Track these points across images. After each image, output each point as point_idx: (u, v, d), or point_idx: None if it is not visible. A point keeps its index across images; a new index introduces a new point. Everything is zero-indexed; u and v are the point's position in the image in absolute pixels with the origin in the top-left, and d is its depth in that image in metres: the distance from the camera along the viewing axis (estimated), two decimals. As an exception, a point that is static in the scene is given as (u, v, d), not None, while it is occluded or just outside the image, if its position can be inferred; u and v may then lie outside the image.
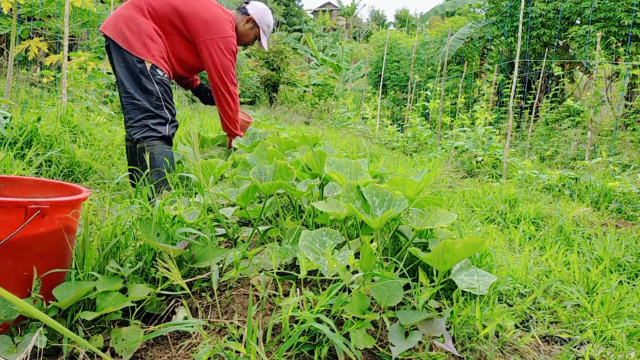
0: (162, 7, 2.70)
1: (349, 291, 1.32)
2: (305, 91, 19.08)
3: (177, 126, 2.75)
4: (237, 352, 1.18)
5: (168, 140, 2.69)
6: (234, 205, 2.13)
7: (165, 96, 2.67)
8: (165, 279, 1.48)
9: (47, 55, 9.14)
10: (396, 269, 1.53)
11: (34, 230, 1.27)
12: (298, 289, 1.44)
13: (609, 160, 5.09)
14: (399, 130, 10.93)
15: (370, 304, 1.34)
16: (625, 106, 7.72)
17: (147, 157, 2.48)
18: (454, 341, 1.33)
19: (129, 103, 2.63)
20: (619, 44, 7.95)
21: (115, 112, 5.51)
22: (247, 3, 3.09)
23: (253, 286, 1.46)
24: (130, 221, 1.69)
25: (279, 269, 1.52)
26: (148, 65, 2.62)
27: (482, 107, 7.57)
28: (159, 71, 2.65)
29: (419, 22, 16.99)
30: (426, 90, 11.93)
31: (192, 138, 1.71)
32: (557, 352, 1.49)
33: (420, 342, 1.28)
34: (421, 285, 1.43)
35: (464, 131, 7.39)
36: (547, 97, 9.21)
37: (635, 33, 8.40)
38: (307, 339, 1.24)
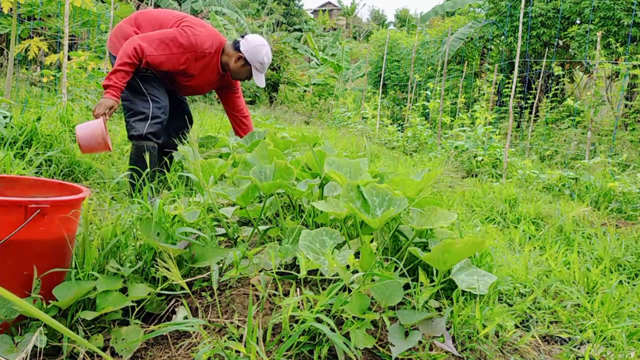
0: (145, 17, 2.79)
1: (349, 291, 1.32)
2: (305, 91, 19.07)
3: (160, 123, 2.65)
4: (237, 351, 1.18)
5: (147, 138, 2.61)
6: (234, 205, 2.13)
7: (149, 89, 2.66)
8: (165, 278, 1.48)
9: (47, 54, 9.13)
10: (396, 268, 1.53)
11: (34, 230, 1.27)
12: (298, 289, 1.44)
13: (609, 160, 5.09)
14: (399, 130, 10.93)
15: (370, 303, 1.34)
16: (625, 106, 7.72)
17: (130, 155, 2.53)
18: (454, 341, 1.33)
19: (121, 104, 2.68)
20: (618, 44, 7.95)
21: (115, 112, 5.50)
22: (242, 37, 2.82)
23: (253, 286, 1.46)
24: (130, 221, 1.69)
25: (279, 268, 1.52)
26: None
27: (482, 107, 7.57)
28: (141, 68, 2.65)
29: (419, 23, 16.98)
30: (426, 90, 11.92)
31: (192, 138, 1.71)
32: (557, 352, 1.49)
33: (420, 342, 1.28)
34: (421, 285, 1.43)
35: (464, 131, 7.39)
36: (547, 97, 9.21)
37: (635, 33, 8.40)
38: (307, 338, 1.24)
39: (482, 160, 6.00)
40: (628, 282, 2.22)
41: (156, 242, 1.47)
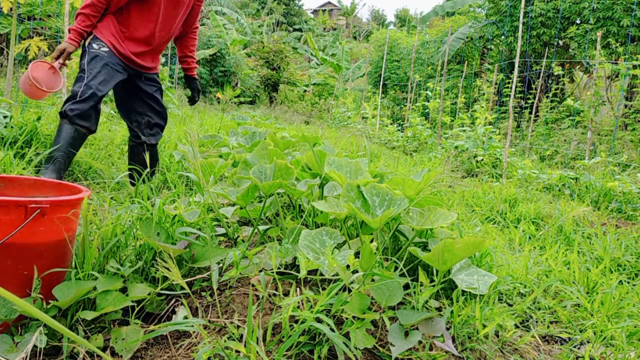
0: None
1: (349, 291, 1.32)
2: (305, 90, 19.09)
3: (83, 101, 2.38)
4: (237, 351, 1.18)
5: (69, 119, 2.38)
6: (234, 205, 2.13)
7: (88, 66, 2.44)
8: (165, 278, 1.48)
9: (47, 54, 9.13)
10: (396, 268, 1.53)
11: (33, 230, 1.26)
12: (298, 289, 1.44)
13: (609, 160, 5.09)
14: (399, 130, 10.93)
15: (370, 303, 1.34)
16: (625, 106, 7.72)
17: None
18: (454, 341, 1.33)
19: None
20: (618, 44, 7.94)
21: (114, 112, 5.50)
22: None
23: (253, 286, 1.46)
24: (130, 220, 1.69)
25: (279, 268, 1.52)
26: (89, 39, 2.51)
27: (482, 107, 7.57)
28: (94, 45, 2.50)
29: (419, 23, 16.98)
30: (426, 89, 11.92)
31: (192, 138, 1.71)
32: (557, 351, 1.49)
33: (420, 342, 1.28)
34: (421, 285, 1.43)
35: (464, 131, 7.39)
36: (547, 97, 9.20)
37: (635, 33, 8.40)
38: (307, 338, 1.24)
39: (482, 160, 6.00)
40: (628, 282, 2.22)
41: (156, 242, 1.47)
